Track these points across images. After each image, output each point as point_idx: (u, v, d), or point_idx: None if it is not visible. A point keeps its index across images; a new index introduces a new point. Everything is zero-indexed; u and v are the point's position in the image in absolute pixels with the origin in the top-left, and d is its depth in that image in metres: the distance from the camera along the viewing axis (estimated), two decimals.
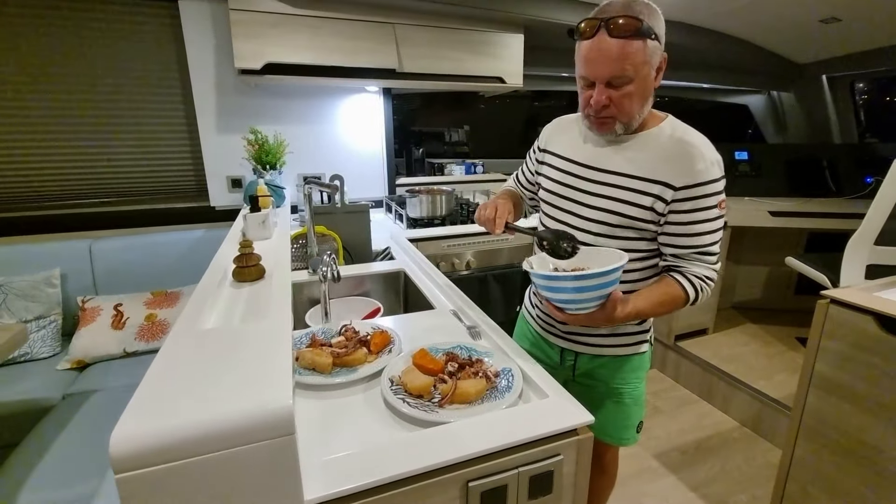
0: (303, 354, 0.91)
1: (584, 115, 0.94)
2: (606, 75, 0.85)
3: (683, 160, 0.89)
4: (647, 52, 0.84)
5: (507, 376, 0.86)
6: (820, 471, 1.30)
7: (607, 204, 0.95)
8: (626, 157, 0.94)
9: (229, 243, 1.34)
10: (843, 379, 1.23)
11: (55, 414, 1.53)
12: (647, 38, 0.83)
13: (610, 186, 0.95)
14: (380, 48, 2.05)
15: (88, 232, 2.12)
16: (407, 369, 0.87)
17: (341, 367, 0.90)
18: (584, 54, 0.86)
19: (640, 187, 0.92)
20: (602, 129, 0.93)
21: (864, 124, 3.17)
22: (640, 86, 0.86)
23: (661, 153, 0.91)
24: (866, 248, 1.70)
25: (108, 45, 2.05)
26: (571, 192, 1.00)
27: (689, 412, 2.24)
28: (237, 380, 0.60)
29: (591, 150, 0.99)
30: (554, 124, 1.11)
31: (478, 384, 0.81)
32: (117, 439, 0.49)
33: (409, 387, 0.81)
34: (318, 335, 1.01)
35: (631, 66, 0.83)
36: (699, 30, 2.53)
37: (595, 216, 0.97)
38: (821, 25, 2.32)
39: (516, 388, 0.81)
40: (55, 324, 1.91)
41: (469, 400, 0.79)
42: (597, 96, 0.87)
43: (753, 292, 3.04)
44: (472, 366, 0.88)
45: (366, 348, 0.96)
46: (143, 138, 2.20)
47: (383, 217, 2.49)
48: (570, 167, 1.01)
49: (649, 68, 0.87)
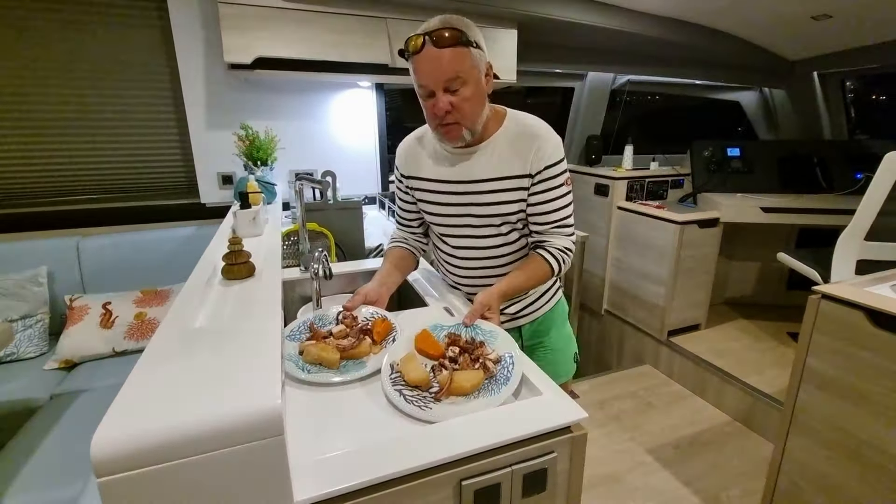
0: (308, 349, 0.87)
1: (434, 129, 1.01)
2: (442, 81, 0.92)
3: (532, 149, 1.00)
4: (472, 58, 0.93)
5: (506, 365, 0.84)
6: (811, 465, 1.31)
7: (488, 210, 1.05)
8: (483, 163, 1.04)
9: (219, 240, 1.32)
10: (834, 374, 1.24)
11: (42, 414, 1.51)
12: (470, 47, 0.92)
13: (483, 194, 1.04)
14: (372, 43, 2.02)
15: (76, 229, 2.08)
16: (408, 355, 0.86)
17: (347, 361, 0.88)
18: (418, 66, 0.93)
19: (508, 185, 1.03)
20: (451, 137, 0.99)
21: (855, 121, 3.20)
22: (474, 90, 0.95)
23: (512, 150, 1.02)
24: (856, 243, 1.72)
25: (95, 39, 2.01)
26: (453, 209, 1.09)
27: (683, 407, 2.25)
28: (224, 380, 0.59)
29: (450, 168, 1.07)
30: (402, 153, 1.17)
31: (474, 377, 0.80)
32: (99, 442, 0.47)
33: (407, 377, 0.81)
34: (315, 324, 0.97)
35: (461, 70, 0.92)
36: (691, 26, 2.53)
37: (483, 222, 1.07)
38: (812, 22, 2.33)
39: (513, 381, 0.80)
40: (42, 323, 1.88)
41: (465, 392, 0.79)
42: (439, 103, 0.93)
43: (745, 288, 3.06)
44: (472, 351, 0.87)
45: (368, 338, 0.93)
46: (132, 134, 2.17)
47: (377, 213, 2.48)
48: (441, 186, 1.09)
49: (478, 73, 0.96)
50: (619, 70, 3.02)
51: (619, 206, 2.76)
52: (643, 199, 2.82)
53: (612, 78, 3.09)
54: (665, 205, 2.69)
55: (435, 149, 1.10)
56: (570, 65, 2.86)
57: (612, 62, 2.91)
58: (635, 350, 2.77)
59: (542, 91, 3.26)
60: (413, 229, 1.26)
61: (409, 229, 1.26)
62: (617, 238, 2.81)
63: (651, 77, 3.16)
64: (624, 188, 2.76)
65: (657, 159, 2.99)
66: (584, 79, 3.04)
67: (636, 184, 2.79)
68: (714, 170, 2.83)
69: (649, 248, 2.58)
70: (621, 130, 3.31)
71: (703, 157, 2.85)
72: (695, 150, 2.86)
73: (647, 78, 3.18)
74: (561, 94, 3.26)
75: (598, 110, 3.17)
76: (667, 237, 2.46)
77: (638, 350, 2.74)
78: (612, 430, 2.07)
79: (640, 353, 2.73)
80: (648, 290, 2.60)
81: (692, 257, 2.49)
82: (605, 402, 2.28)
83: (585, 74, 3.01)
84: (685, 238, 2.42)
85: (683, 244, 2.43)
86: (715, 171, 2.82)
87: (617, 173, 2.74)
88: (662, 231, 2.48)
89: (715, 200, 2.61)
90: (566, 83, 3.10)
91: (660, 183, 2.87)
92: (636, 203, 2.72)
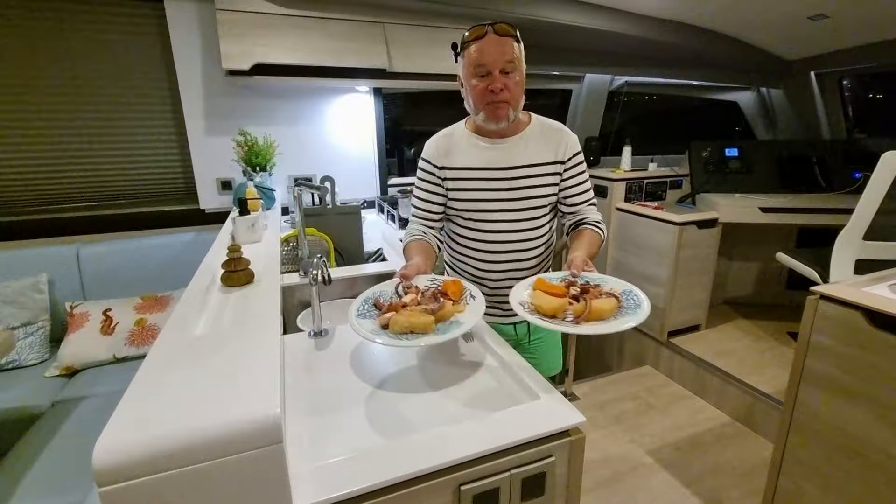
0: (395, 320, 0.82)
1: (481, 108, 1.10)
2: (502, 61, 1.05)
3: (560, 141, 1.17)
4: (521, 52, 1.09)
5: (631, 296, 0.90)
6: (811, 465, 1.31)
7: (525, 193, 1.16)
8: (520, 151, 1.16)
9: (218, 247, 1.33)
10: (833, 374, 1.24)
11: (44, 422, 1.52)
12: (519, 43, 1.08)
13: (522, 178, 1.15)
14: (370, 48, 2.03)
15: (76, 237, 2.09)
16: (534, 294, 0.90)
17: (438, 323, 0.85)
18: (480, 48, 1.05)
19: (543, 171, 1.16)
20: (500, 115, 1.09)
21: (853, 120, 3.20)
22: (521, 78, 1.09)
23: (543, 141, 1.17)
24: (855, 243, 1.72)
25: (93, 46, 2.02)
26: (491, 194, 1.16)
27: (683, 408, 2.25)
28: (224, 388, 0.59)
29: (488, 156, 1.16)
30: (434, 146, 1.22)
31: (610, 301, 0.86)
32: (100, 451, 0.48)
33: (542, 308, 0.85)
34: (379, 299, 0.93)
35: (516, 57, 1.06)
36: (687, 27, 2.54)
37: (519, 206, 1.17)
38: (809, 22, 2.34)
39: (646, 306, 0.86)
40: (43, 330, 1.88)
41: (604, 317, 0.83)
42: (496, 81, 1.05)
43: (745, 288, 3.06)
44: (593, 289, 0.91)
45: (445, 299, 0.90)
46: (131, 141, 2.18)
47: (376, 217, 2.48)
48: (479, 174, 1.16)
49: (523, 68, 1.10)
50: (617, 72, 3.03)
51: (618, 208, 2.76)
52: (642, 200, 2.82)
53: (610, 79, 3.10)
54: (664, 206, 2.69)
55: (468, 141, 1.19)
56: (567, 67, 2.87)
57: (609, 64, 2.92)
58: (635, 351, 2.77)
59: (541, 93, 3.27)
60: (433, 223, 1.25)
61: (428, 222, 1.25)
62: (616, 239, 2.81)
63: (649, 78, 3.17)
64: (622, 189, 2.77)
65: (655, 160, 2.99)
66: (581, 81, 3.05)
67: (635, 185, 2.79)
68: (712, 170, 2.83)
69: (648, 249, 2.58)
70: (619, 131, 3.32)
71: (701, 157, 2.86)
72: (693, 151, 2.87)
73: (644, 79, 3.18)
74: (559, 96, 3.27)
75: (596, 112, 3.18)
76: (666, 238, 2.46)
77: (638, 351, 2.74)
78: (612, 431, 2.07)
79: (640, 355, 2.73)
80: (648, 291, 2.55)
81: (691, 258, 2.49)
82: (605, 403, 2.28)
83: (583, 76, 3.01)
84: (684, 239, 2.43)
85: (683, 245, 2.43)
86: (713, 172, 2.83)
87: (615, 174, 2.75)
88: (661, 232, 2.48)
89: (713, 201, 2.61)
90: (564, 85, 3.11)
91: (658, 184, 2.87)
92: (635, 204, 2.72)
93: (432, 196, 1.23)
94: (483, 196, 1.17)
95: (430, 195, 1.23)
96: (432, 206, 1.23)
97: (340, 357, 0.98)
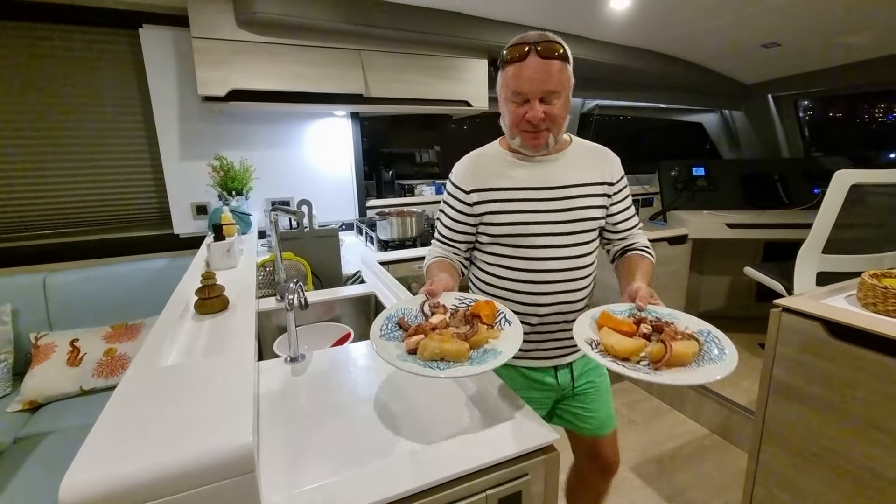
0: (425, 345, 0.74)
1: (517, 133, 1.01)
2: (541, 90, 0.94)
3: (605, 162, 1.11)
4: (568, 72, 0.97)
5: (711, 338, 0.79)
6: (783, 474, 1.34)
7: (576, 214, 1.05)
8: (565, 170, 1.06)
9: (192, 273, 1.31)
10: (797, 384, 1.28)
11: (5, 459, 1.44)
12: (567, 62, 0.96)
13: (572, 199, 1.05)
14: (346, 74, 2.07)
15: (43, 265, 2.03)
16: (602, 332, 0.80)
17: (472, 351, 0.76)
18: (519, 74, 0.94)
19: (591, 191, 1.07)
20: (537, 143, 1.00)
21: (810, 139, 3.38)
22: (565, 101, 0.98)
23: (588, 161, 1.09)
24: (815, 256, 1.80)
25: (67, 72, 2.00)
26: (535, 216, 1.04)
27: (662, 422, 2.28)
28: (195, 419, 0.58)
29: (529, 174, 1.05)
30: (463, 170, 1.10)
31: (691, 345, 0.75)
32: (66, 490, 0.47)
33: (614, 349, 0.75)
34: (404, 317, 0.84)
35: (560, 81, 0.95)
36: (653, 54, 2.67)
37: (569, 229, 1.05)
38: (762, 49, 2.49)
39: (732, 352, 0.74)
40: (5, 363, 1.80)
41: (686, 362, 0.73)
42: (535, 112, 0.95)
43: (717, 301, 3.15)
44: (664, 329, 0.80)
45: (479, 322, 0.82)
46: (103, 166, 2.14)
47: (354, 240, 2.48)
48: (521, 194, 1.04)
49: (570, 88, 0.99)
50: (589, 95, 3.14)
51: None
52: None
53: (582, 103, 3.21)
54: None
55: (504, 160, 1.07)
56: None
57: (581, 87, 3.01)
58: None
59: None
60: (458, 248, 1.14)
61: (453, 248, 1.14)
62: None
63: (619, 102, 3.29)
64: None
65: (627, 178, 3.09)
66: None
67: None
68: (681, 188, 2.94)
69: None
70: None
71: (670, 176, 2.97)
72: (662, 170, 2.98)
73: (615, 102, 3.31)
74: None
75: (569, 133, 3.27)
76: None
77: None
78: None
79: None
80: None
81: (664, 274, 2.56)
82: None
83: None
84: (656, 255, 2.49)
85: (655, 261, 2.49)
86: (682, 190, 2.93)
87: None
88: None
89: (683, 218, 2.71)
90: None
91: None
92: None
93: (457, 225, 1.11)
94: (528, 219, 1.03)
95: (456, 223, 1.11)
96: (458, 234, 1.11)
97: (317, 382, 0.97)
